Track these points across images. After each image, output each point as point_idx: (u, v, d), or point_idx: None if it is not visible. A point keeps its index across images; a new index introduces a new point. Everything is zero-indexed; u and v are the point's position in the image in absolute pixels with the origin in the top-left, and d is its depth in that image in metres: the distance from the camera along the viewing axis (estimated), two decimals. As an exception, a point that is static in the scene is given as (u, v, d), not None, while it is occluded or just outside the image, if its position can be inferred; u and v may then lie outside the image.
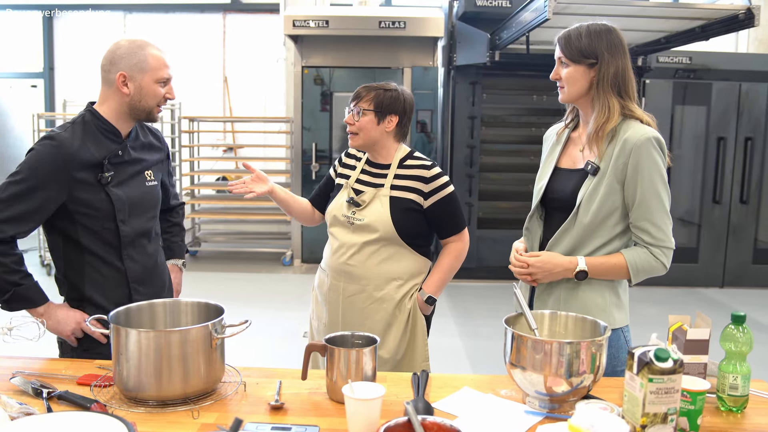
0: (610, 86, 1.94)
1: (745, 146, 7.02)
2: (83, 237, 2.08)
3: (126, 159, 2.15)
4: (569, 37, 1.99)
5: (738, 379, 1.58)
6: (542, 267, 2.00)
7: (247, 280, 7.14)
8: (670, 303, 6.45)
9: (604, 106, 1.95)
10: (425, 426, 1.28)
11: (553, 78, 2.06)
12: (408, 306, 2.39)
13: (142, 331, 1.59)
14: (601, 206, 1.94)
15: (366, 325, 2.36)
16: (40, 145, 2.02)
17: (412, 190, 2.37)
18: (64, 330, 2.07)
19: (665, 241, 1.93)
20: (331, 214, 2.45)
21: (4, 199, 1.97)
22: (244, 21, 9.07)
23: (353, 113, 2.38)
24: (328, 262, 2.46)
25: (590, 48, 1.94)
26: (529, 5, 5.04)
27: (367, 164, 2.47)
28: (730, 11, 4.92)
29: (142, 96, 2.09)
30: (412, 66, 7.20)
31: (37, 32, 9.24)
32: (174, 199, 2.56)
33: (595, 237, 1.97)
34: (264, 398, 1.65)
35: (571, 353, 1.52)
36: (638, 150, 1.89)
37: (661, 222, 1.92)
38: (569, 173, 2.06)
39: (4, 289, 1.98)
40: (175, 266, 2.52)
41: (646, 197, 1.90)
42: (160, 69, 2.09)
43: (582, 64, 1.96)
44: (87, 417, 1.36)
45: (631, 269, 1.94)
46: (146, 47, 2.08)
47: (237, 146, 8.79)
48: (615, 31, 1.98)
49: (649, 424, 1.38)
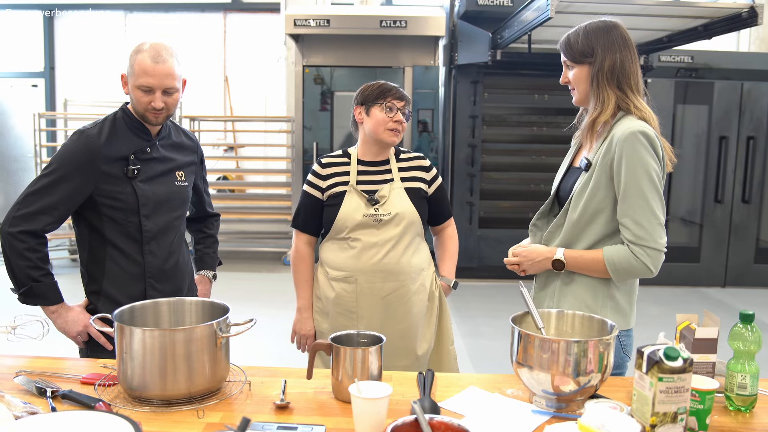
0: (606, 80, 1.92)
1: (747, 145, 7.01)
2: (107, 229, 2.15)
3: (155, 156, 2.20)
4: (569, 39, 2.00)
5: (747, 379, 1.57)
6: (527, 256, 2.05)
7: (248, 280, 7.13)
8: (672, 303, 6.44)
9: (599, 100, 1.94)
10: (432, 425, 1.27)
11: (562, 82, 2.08)
12: (436, 293, 2.49)
13: (147, 330, 1.58)
14: (588, 202, 1.93)
15: (406, 321, 2.38)
16: (69, 139, 2.13)
17: (418, 179, 2.46)
18: (71, 331, 2.13)
19: (647, 240, 1.84)
20: (346, 220, 2.35)
21: (35, 191, 2.07)
22: (245, 20, 9.06)
23: (405, 114, 2.39)
24: (356, 266, 2.36)
25: (587, 46, 1.95)
26: (531, 4, 5.02)
27: (360, 164, 2.44)
28: (732, 10, 4.91)
29: (132, 99, 2.15)
30: (413, 65, 7.18)
31: (37, 32, 9.22)
32: (209, 207, 2.57)
33: (586, 234, 1.96)
34: (269, 397, 1.64)
35: (579, 352, 1.51)
36: (622, 144, 1.86)
37: (643, 220, 1.85)
38: (575, 170, 2.07)
39: (23, 283, 2.05)
40: (205, 277, 2.54)
41: (628, 192, 1.86)
42: (140, 77, 2.08)
43: (584, 64, 1.97)
44: (92, 416, 1.35)
45: (608, 265, 1.89)
46: (139, 53, 2.09)
47: (238, 146, 8.78)
48: (616, 26, 1.96)
49: (659, 423, 1.37)
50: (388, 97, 2.37)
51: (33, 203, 2.05)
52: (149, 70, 2.06)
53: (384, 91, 2.38)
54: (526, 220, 2.18)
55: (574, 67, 1.99)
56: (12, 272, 2.06)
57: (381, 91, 2.38)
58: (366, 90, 2.42)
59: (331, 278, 2.40)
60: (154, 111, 2.11)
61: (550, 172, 8.63)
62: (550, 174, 2.28)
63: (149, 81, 2.07)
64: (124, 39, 8.83)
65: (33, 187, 2.07)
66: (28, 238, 2.03)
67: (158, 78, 2.07)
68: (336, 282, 2.39)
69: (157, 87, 2.08)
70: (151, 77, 2.06)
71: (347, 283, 2.37)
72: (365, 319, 2.37)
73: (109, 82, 8.35)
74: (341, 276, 2.38)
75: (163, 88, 2.09)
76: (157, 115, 2.13)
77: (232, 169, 8.93)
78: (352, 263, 2.36)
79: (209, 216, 2.59)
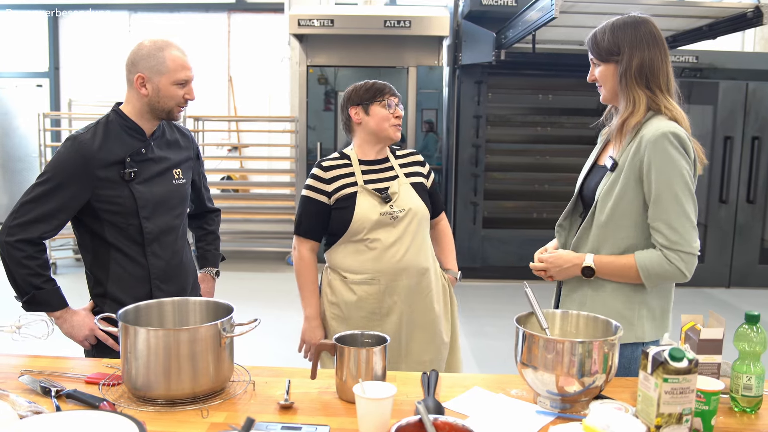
0: (635, 79, 1.87)
1: (752, 146, 6.99)
2: (109, 233, 2.14)
3: (150, 156, 2.19)
4: (595, 36, 1.95)
5: (752, 380, 1.56)
6: (554, 263, 1.98)
7: (251, 279, 7.14)
8: (676, 303, 6.33)
9: (629, 100, 1.88)
10: (437, 426, 1.27)
11: (589, 80, 2.02)
12: (446, 286, 2.55)
13: (151, 330, 1.58)
14: (617, 204, 1.88)
15: (429, 316, 2.42)
16: (62, 146, 2.10)
17: (418, 174, 2.50)
18: (77, 335, 2.13)
19: (682, 244, 1.80)
20: (363, 221, 2.33)
21: (31, 200, 2.05)
22: (249, 20, 9.07)
23: (399, 108, 2.42)
24: (378, 267, 2.34)
25: (614, 44, 1.90)
26: (535, 4, 5.01)
27: (362, 164, 2.44)
28: (737, 10, 4.90)
29: (160, 97, 2.12)
30: (417, 65, 7.18)
31: (42, 32, 9.25)
32: (209, 202, 2.56)
33: (614, 237, 1.90)
34: (273, 397, 1.64)
35: (583, 353, 1.50)
36: (653, 146, 1.81)
37: (677, 223, 1.80)
38: (599, 169, 2.03)
39: (25, 291, 2.05)
40: (208, 275, 2.53)
41: (661, 196, 1.81)
42: (178, 71, 2.10)
43: (610, 62, 1.92)
44: (96, 416, 1.35)
45: (641, 271, 1.84)
46: (166, 48, 2.09)
47: (242, 145, 8.79)
48: (645, 22, 1.90)
49: (664, 424, 1.36)
50: (386, 94, 2.39)
51: (29, 212, 2.04)
52: (185, 63, 2.12)
53: (380, 89, 2.40)
54: (530, 221, 2.18)
55: (599, 64, 1.95)
56: (13, 281, 2.05)
57: (377, 89, 2.40)
58: (359, 90, 2.41)
59: (351, 282, 2.36)
60: (184, 104, 2.15)
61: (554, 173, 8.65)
62: (555, 174, 2.27)
63: (188, 74, 2.13)
64: (128, 39, 8.85)
65: (28, 196, 2.05)
66: (25, 247, 2.02)
67: (191, 70, 2.15)
68: (357, 285, 2.36)
69: (191, 79, 2.15)
70: (188, 70, 2.13)
71: (370, 285, 2.34)
72: (390, 317, 2.37)
73: (114, 82, 8.37)
74: (363, 279, 2.35)
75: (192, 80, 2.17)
76: (182, 108, 2.17)
77: (235, 169, 8.94)
78: (373, 265, 2.34)
79: (209, 212, 2.57)
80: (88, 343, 2.14)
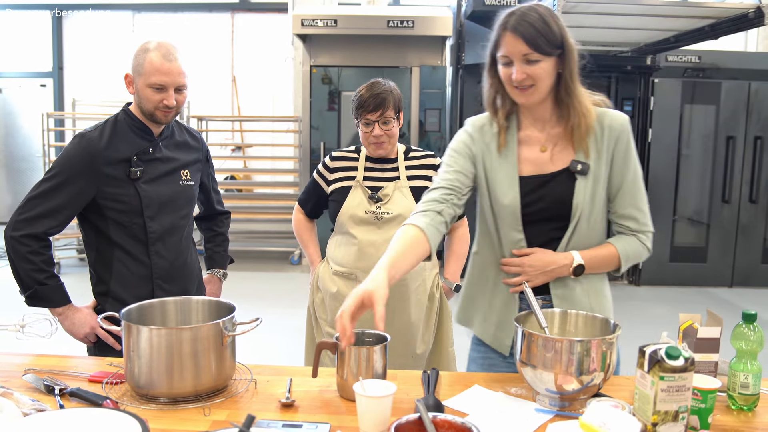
0: (578, 75, 1.74)
1: (754, 145, 6.99)
2: (113, 231, 2.16)
3: (158, 156, 2.20)
4: (543, 24, 1.68)
5: (749, 378, 1.58)
6: (533, 265, 1.80)
7: (255, 279, 7.15)
8: (678, 302, 6.42)
9: (580, 101, 1.75)
10: (436, 423, 1.28)
11: (517, 80, 1.70)
12: (437, 295, 2.48)
13: (154, 329, 1.59)
14: (598, 206, 1.82)
15: (404, 319, 2.39)
16: (70, 143, 2.13)
17: (426, 177, 2.44)
18: (78, 333, 2.15)
19: (648, 225, 1.84)
20: (347, 214, 2.40)
21: (37, 195, 2.08)
22: (253, 20, 9.09)
23: (380, 125, 2.35)
24: (357, 264, 2.37)
25: (560, 34, 1.69)
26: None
27: (368, 161, 2.46)
28: (739, 10, 4.90)
29: (140, 98, 2.14)
30: (421, 65, 7.18)
31: (46, 32, 9.28)
32: (219, 205, 2.57)
33: (589, 239, 1.83)
34: (275, 396, 1.65)
35: (582, 351, 1.51)
36: (627, 136, 1.79)
37: (645, 206, 1.83)
38: (545, 179, 1.81)
39: (28, 286, 2.07)
40: (215, 276, 2.55)
41: (636, 184, 1.81)
42: (152, 75, 2.08)
43: (553, 56, 1.69)
44: (99, 413, 1.37)
45: (623, 258, 1.82)
46: (150, 51, 2.09)
47: (245, 145, 8.81)
48: None
49: (660, 422, 1.37)
50: (362, 114, 2.36)
51: (35, 207, 2.06)
52: (162, 68, 2.08)
53: (358, 107, 2.37)
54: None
55: (541, 59, 1.69)
56: (17, 275, 2.07)
57: (358, 105, 2.37)
58: (354, 99, 2.41)
59: (334, 273, 2.44)
60: (165, 109, 2.12)
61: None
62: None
63: (163, 79, 2.08)
64: (132, 39, 8.88)
65: (35, 191, 2.08)
66: (31, 242, 2.05)
67: (172, 76, 2.10)
68: (338, 277, 2.43)
69: (170, 85, 2.10)
70: (164, 75, 2.08)
71: (348, 279, 2.40)
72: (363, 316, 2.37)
73: (118, 82, 8.36)
74: (343, 272, 2.42)
75: (176, 86, 2.11)
76: (167, 113, 2.14)
77: (239, 168, 8.96)
78: (353, 260, 2.40)
79: (219, 214, 2.59)
80: (89, 341, 2.16)
